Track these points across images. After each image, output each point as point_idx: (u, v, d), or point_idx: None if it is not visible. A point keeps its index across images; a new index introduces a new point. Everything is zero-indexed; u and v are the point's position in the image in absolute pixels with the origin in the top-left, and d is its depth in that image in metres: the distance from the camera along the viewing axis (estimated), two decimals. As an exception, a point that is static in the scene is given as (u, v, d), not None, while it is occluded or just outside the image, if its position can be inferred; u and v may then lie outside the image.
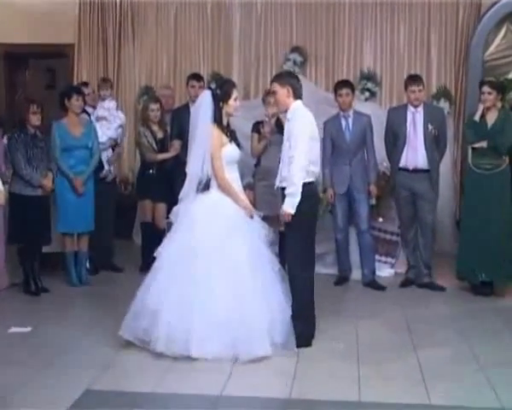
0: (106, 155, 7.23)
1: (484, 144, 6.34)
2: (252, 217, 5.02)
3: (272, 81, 5.25)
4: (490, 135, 6.34)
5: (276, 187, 5.17)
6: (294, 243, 4.96)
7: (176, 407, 4.06)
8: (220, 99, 5.01)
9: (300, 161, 4.86)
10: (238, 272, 4.76)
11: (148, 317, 4.72)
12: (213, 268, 4.75)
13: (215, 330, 4.64)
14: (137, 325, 4.77)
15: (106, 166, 7.23)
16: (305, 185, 4.89)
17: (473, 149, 6.51)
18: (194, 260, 4.77)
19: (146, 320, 4.73)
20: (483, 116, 6.43)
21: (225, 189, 4.97)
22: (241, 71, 9.04)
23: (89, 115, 7.20)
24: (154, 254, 4.94)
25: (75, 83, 8.70)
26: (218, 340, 4.64)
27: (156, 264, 4.90)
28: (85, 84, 7.67)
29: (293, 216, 4.88)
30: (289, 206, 4.89)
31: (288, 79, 5.15)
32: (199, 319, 4.63)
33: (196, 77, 7.65)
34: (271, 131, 6.57)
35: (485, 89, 6.38)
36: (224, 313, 4.66)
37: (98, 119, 7.27)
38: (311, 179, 4.98)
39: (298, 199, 4.86)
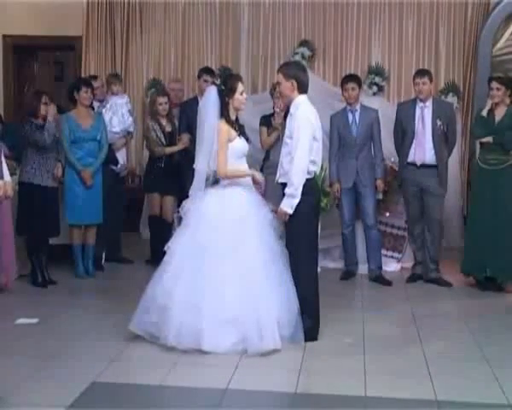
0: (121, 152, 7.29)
1: (490, 139, 6.34)
2: (260, 185, 5.04)
3: (278, 71, 5.15)
4: (497, 130, 6.33)
5: (275, 181, 5.15)
6: (297, 238, 4.93)
7: (182, 400, 4.06)
8: (226, 94, 4.98)
9: (301, 162, 4.83)
10: (248, 267, 4.75)
11: (158, 311, 4.72)
12: (223, 264, 4.74)
13: (225, 325, 4.65)
14: (148, 319, 4.77)
15: (121, 161, 7.24)
16: (305, 181, 4.87)
17: (481, 144, 6.52)
18: (204, 256, 4.76)
19: (156, 315, 4.73)
20: (491, 112, 6.42)
21: (231, 176, 4.96)
22: (248, 65, 9.00)
23: (93, 109, 7.19)
24: (165, 249, 4.93)
25: (83, 75, 8.70)
26: (228, 335, 4.64)
27: (166, 258, 4.88)
28: (94, 77, 7.64)
29: (292, 215, 4.87)
30: (288, 206, 4.87)
31: (294, 71, 5.01)
32: (209, 315, 4.63)
33: (210, 72, 7.61)
34: (282, 123, 6.56)
35: (494, 85, 6.38)
36: (234, 308, 4.66)
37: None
38: (310, 176, 4.94)
39: (297, 200, 4.84)
